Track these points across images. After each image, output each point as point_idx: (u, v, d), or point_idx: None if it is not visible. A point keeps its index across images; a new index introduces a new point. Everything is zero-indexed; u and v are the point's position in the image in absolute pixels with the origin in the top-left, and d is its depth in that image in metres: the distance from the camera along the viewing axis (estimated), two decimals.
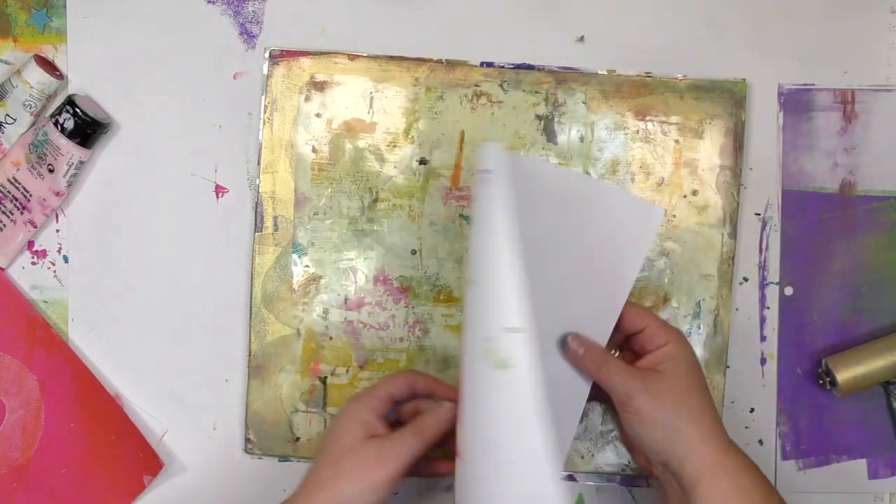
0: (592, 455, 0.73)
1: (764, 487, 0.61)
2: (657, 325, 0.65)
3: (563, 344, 0.66)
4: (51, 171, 0.69)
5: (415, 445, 0.61)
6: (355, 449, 0.61)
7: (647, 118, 0.72)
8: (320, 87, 0.72)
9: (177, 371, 0.72)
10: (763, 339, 0.73)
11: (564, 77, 0.72)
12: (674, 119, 0.72)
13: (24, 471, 0.71)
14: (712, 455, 0.61)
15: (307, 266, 0.72)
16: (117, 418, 0.72)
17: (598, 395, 0.66)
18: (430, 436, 0.62)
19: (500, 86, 0.72)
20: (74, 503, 0.71)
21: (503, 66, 0.72)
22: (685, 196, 0.73)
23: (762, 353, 0.73)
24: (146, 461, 0.72)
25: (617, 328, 0.66)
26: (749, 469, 0.62)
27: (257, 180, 0.71)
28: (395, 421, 0.67)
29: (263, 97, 0.71)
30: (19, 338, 0.71)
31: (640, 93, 0.72)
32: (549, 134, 0.72)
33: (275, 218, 0.72)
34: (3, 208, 0.70)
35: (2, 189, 0.70)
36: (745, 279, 0.73)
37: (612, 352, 0.67)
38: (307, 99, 0.72)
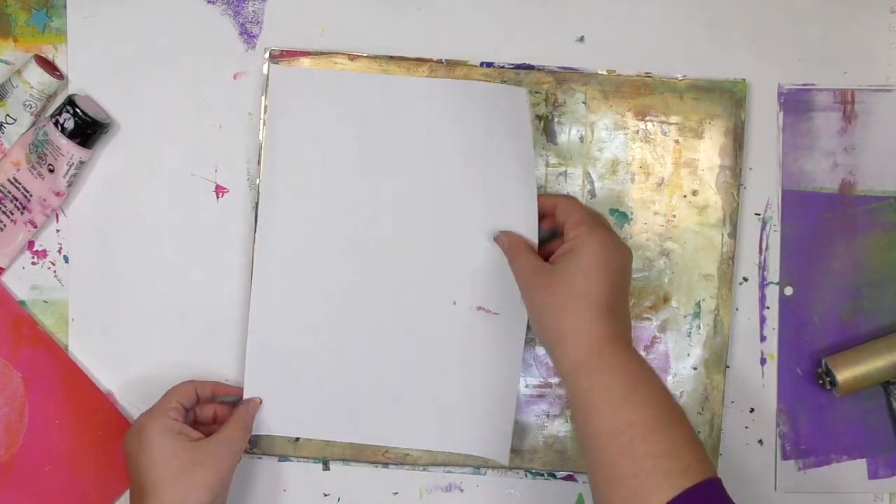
0: None
1: (624, 386, 0.59)
2: (575, 219, 0.64)
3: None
4: (51, 171, 0.69)
5: (244, 438, 0.67)
6: (196, 456, 0.63)
7: (647, 118, 0.72)
8: None
9: (177, 371, 0.72)
10: (763, 339, 0.73)
11: (564, 77, 0.72)
12: (674, 119, 0.72)
13: (8, 468, 0.71)
14: (576, 353, 0.60)
15: None
16: (108, 414, 0.72)
17: None
18: (251, 428, 0.68)
19: None
20: (59, 500, 0.71)
21: (503, 66, 0.72)
22: (685, 196, 0.73)
23: (762, 353, 0.73)
24: None
25: (555, 222, 0.67)
26: (614, 367, 0.59)
27: (257, 180, 0.71)
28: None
29: (263, 97, 0.71)
30: (5, 336, 0.71)
31: (640, 93, 0.72)
32: (549, 134, 0.72)
33: None
34: (3, 208, 0.70)
35: (2, 189, 0.70)
36: (745, 279, 0.73)
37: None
38: None
